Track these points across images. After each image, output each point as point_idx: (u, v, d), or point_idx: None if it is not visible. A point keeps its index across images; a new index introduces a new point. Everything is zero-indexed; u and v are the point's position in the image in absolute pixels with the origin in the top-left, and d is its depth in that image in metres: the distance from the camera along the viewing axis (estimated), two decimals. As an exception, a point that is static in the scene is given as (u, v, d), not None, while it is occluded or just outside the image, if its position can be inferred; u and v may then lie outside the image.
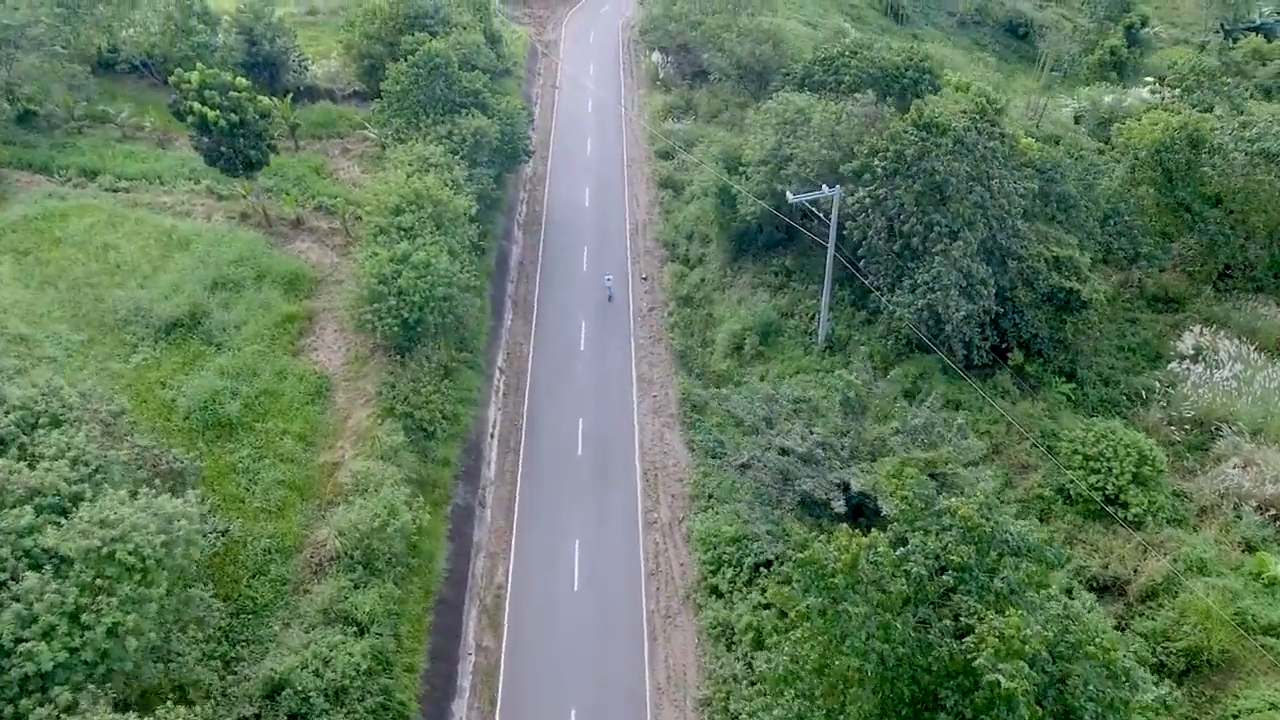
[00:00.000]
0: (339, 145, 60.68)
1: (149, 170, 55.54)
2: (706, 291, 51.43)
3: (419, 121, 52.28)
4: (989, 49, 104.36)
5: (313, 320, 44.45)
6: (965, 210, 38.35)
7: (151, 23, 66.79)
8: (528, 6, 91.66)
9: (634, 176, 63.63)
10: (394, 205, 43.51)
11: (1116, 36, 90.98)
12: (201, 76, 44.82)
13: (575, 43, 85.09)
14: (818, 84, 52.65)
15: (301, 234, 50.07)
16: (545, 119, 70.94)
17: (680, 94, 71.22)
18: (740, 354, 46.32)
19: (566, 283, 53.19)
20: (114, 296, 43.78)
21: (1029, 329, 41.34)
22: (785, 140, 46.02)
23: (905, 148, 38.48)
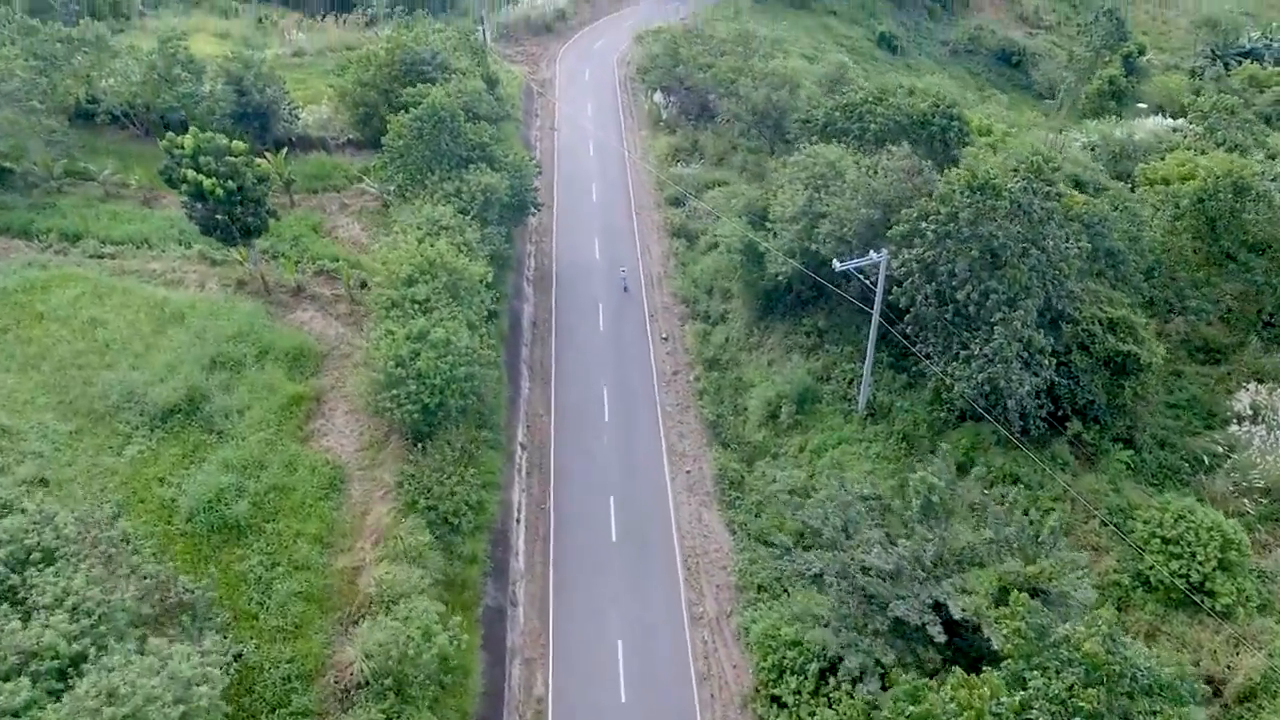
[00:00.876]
0: (336, 200, 57.32)
1: (136, 233, 51.95)
2: (733, 352, 48.64)
3: (424, 178, 49.23)
4: (983, 77, 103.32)
5: (321, 401, 41.04)
6: (1022, 275, 35.86)
7: (133, 72, 63.23)
8: (520, 44, 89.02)
9: (644, 225, 60.85)
10: (406, 275, 40.34)
11: (1115, 66, 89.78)
12: (195, 141, 41.47)
13: (571, 81, 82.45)
14: (840, 131, 50.24)
15: (303, 302, 46.67)
16: (546, 163, 68.03)
17: (685, 135, 68.71)
18: (776, 422, 43.51)
19: (584, 344, 50.17)
20: (104, 379, 40.15)
21: (1085, 395, 38.83)
22: (817, 196, 43.40)
23: (958, 211, 35.95)
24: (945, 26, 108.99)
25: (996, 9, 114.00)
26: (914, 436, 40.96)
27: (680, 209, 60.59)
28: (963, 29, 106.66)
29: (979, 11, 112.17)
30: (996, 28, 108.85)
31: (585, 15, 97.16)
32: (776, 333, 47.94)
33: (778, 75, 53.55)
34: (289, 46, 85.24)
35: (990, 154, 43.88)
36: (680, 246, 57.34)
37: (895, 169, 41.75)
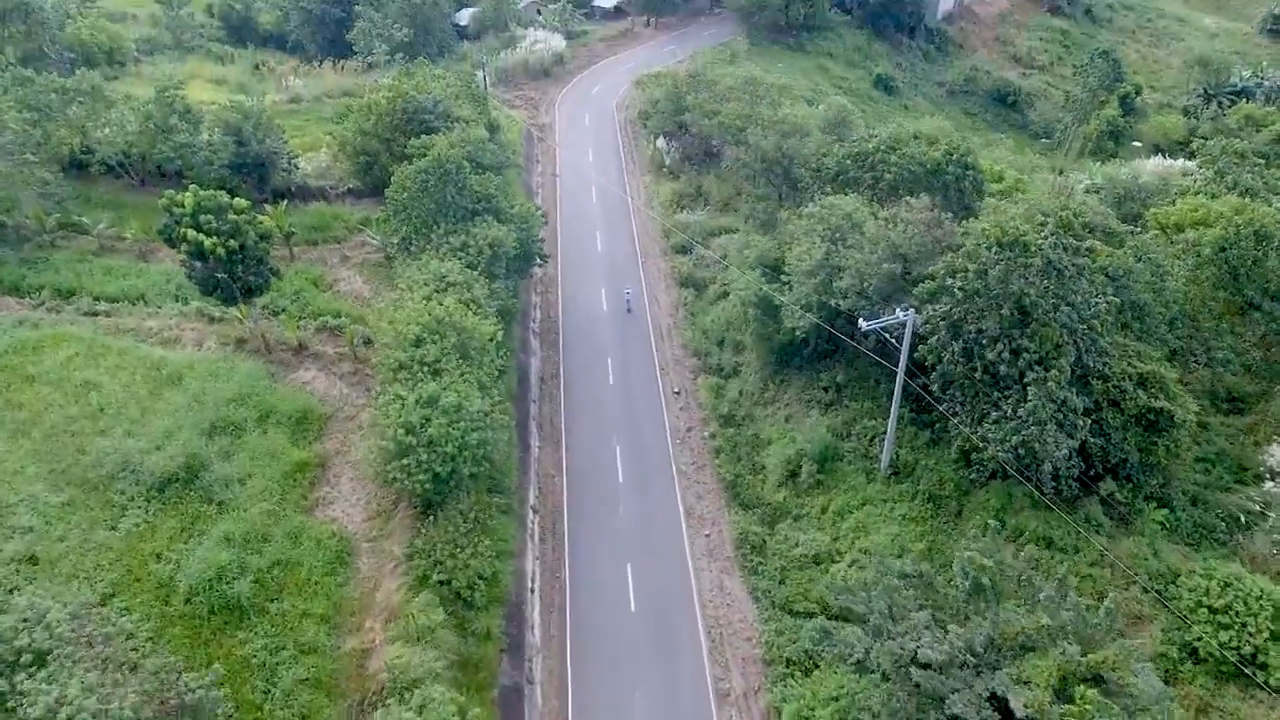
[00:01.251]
0: (337, 251, 55.98)
1: (131, 289, 50.44)
2: (748, 407, 47.21)
3: (429, 231, 47.92)
4: (979, 118, 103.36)
5: (325, 467, 39.32)
6: (1054, 333, 34.69)
7: (129, 121, 62.03)
8: (519, 89, 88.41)
9: (650, 274, 59.65)
10: (414, 336, 38.83)
11: (1112, 107, 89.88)
12: (196, 199, 40.07)
13: (570, 126, 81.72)
14: (852, 180, 49.34)
15: (305, 361, 45.06)
16: (549, 210, 66.83)
17: (689, 181, 67.84)
18: (796, 482, 41.99)
19: (594, 401, 48.65)
20: (98, 447, 38.37)
21: (1118, 453, 37.51)
22: (835, 249, 42.29)
23: (987, 268, 34.83)
24: (940, 68, 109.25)
25: (990, 51, 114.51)
26: (940, 497, 39.55)
27: (687, 257, 59.48)
28: (958, 70, 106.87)
29: (973, 53, 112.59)
30: (991, 69, 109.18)
31: (582, 59, 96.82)
32: (793, 387, 46.58)
33: (787, 123, 52.77)
34: (286, 93, 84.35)
35: (1011, 205, 42.97)
36: (689, 296, 56.12)
37: (915, 221, 40.71)
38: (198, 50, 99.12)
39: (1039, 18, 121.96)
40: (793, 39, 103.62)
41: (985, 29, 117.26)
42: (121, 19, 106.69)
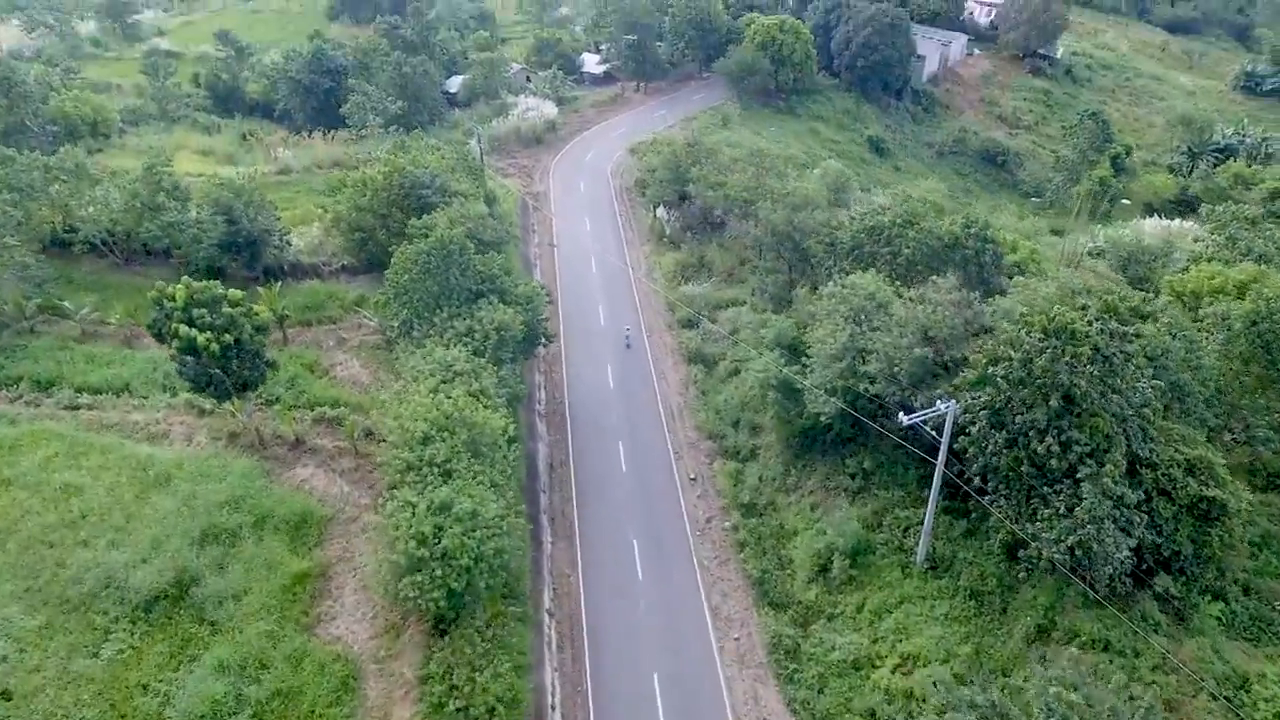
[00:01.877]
0: (333, 333, 53.55)
1: (115, 378, 47.69)
2: (769, 495, 44.78)
3: (431, 315, 45.65)
4: (970, 178, 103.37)
5: (327, 577, 36.38)
6: (1105, 424, 32.73)
7: (114, 199, 59.83)
8: (511, 156, 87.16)
9: (657, 349, 57.54)
10: (421, 433, 36.29)
11: (1104, 167, 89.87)
12: (188, 291, 37.61)
13: (565, 193, 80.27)
14: (869, 256, 47.74)
15: (302, 456, 42.30)
16: (548, 283, 64.89)
17: (691, 250, 66.25)
18: (828, 578, 39.42)
19: (607, 489, 46.06)
20: (78, 560, 35.39)
21: (1170, 546, 35.32)
22: (860, 331, 40.42)
23: (1031, 356, 32.96)
24: (929, 129, 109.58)
25: (976, 111, 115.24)
26: (983, 593, 37.06)
27: (694, 330, 57.51)
28: (947, 131, 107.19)
29: (960, 114, 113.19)
30: (979, 129, 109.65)
31: (574, 125, 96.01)
32: (817, 473, 44.25)
33: (797, 195, 51.32)
34: (275, 164, 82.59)
35: (1039, 282, 41.43)
36: (699, 373, 53.98)
37: (944, 302, 38.96)
38: (184, 120, 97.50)
39: (1021, 79, 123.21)
40: (783, 102, 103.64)
41: (970, 90, 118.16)
42: (106, 89, 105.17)
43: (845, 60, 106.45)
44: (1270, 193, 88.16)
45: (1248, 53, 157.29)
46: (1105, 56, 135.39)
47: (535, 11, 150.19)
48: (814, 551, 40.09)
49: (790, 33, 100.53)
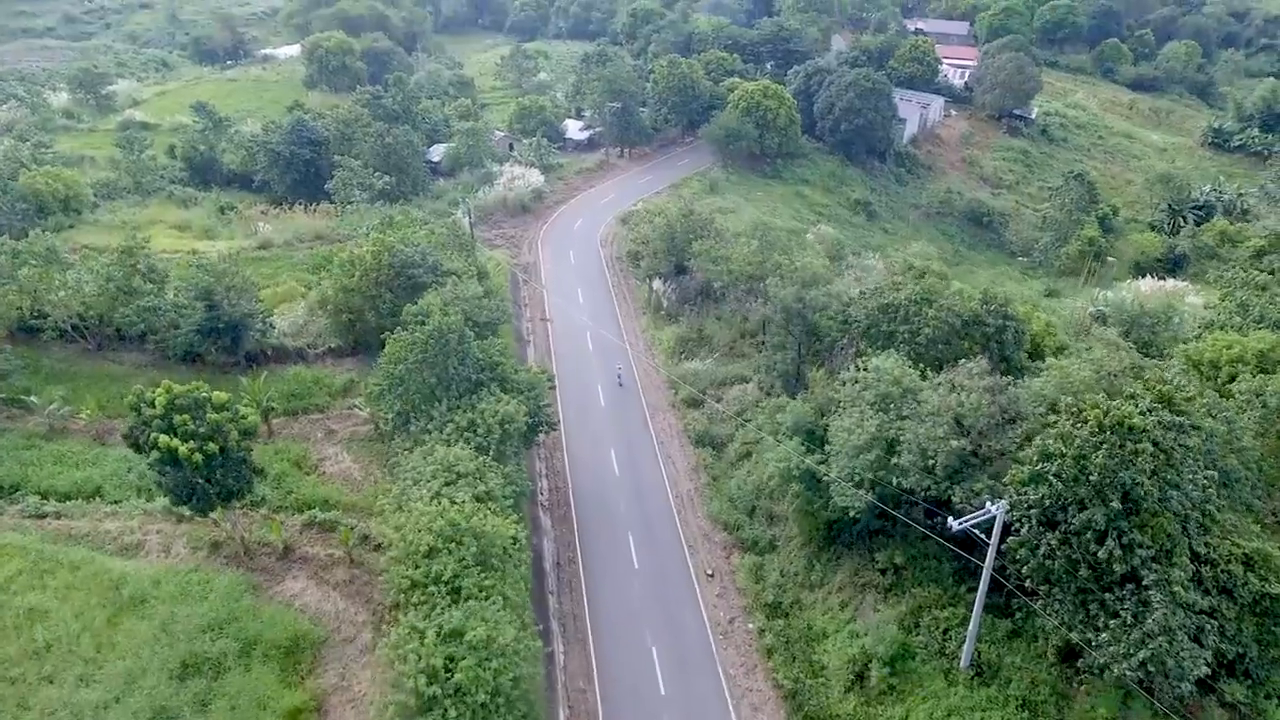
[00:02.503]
0: (320, 423, 50.32)
1: (85, 481, 44.13)
2: (794, 592, 41.81)
3: (429, 408, 42.71)
4: (957, 239, 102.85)
5: (323, 710, 32.73)
6: (1167, 524, 30.38)
7: (86, 283, 56.66)
8: (499, 226, 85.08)
9: (661, 431, 54.81)
10: (426, 546, 33.13)
11: (1092, 227, 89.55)
12: (168, 397, 34.43)
13: (556, 264, 78.11)
14: (885, 335, 45.61)
15: (292, 567, 38.80)
16: (543, 362, 62.26)
17: (690, 324, 64.00)
18: (864, 686, 36.36)
19: (619, 589, 42.84)
20: (43, 700, 31.64)
21: (1234, 648, 32.79)
22: (888, 420, 38.02)
23: (1086, 453, 30.66)
24: (913, 190, 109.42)
25: (958, 172, 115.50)
26: (1036, 703, 34.12)
27: (699, 410, 54.96)
28: (932, 192, 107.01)
29: (943, 175, 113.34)
30: (963, 190, 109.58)
31: (560, 193, 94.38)
32: (844, 568, 41.40)
33: (807, 270, 49.38)
34: (254, 237, 79.82)
35: (1074, 364, 39.40)
36: (707, 457, 51.29)
37: (977, 388, 36.72)
38: (159, 193, 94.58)
39: (999, 139, 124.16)
40: (769, 167, 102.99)
41: (951, 151, 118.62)
42: (78, 162, 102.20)
43: (828, 124, 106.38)
44: (1256, 250, 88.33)
45: (1210, 109, 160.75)
46: (1077, 116, 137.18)
47: (514, 78, 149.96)
48: (848, 657, 37.11)
49: (774, 98, 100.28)
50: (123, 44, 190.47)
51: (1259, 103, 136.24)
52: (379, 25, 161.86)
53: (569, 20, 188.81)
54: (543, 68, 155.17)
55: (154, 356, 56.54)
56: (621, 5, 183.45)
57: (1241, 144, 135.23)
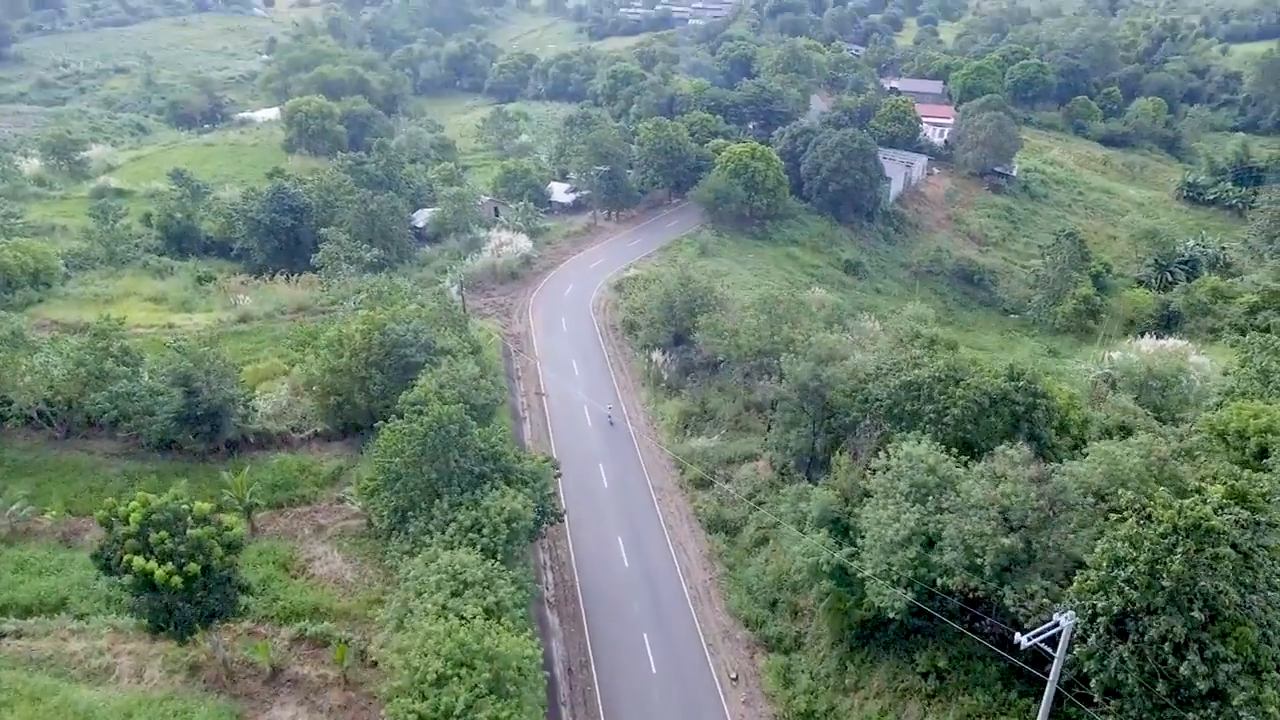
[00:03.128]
0: (308, 517, 46.69)
1: (50, 591, 40.17)
2: (827, 697, 38.44)
3: (429, 506, 39.37)
4: (949, 297, 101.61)
5: None
6: (1250, 633, 27.69)
7: (54, 366, 53.00)
8: (488, 294, 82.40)
9: (670, 514, 51.65)
10: (435, 673, 29.61)
11: (1086, 285, 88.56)
12: (144, 511, 30.91)
13: (548, 333, 75.32)
14: (910, 415, 43.10)
15: (281, 691, 34.93)
16: (540, 439, 59.18)
17: (692, 397, 61.27)
18: (917, 812, 33.00)
19: (637, 698, 39.25)
20: None
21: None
22: (925, 511, 35.29)
23: (1160, 557, 28.03)
24: (902, 249, 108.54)
25: (944, 229, 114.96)
26: (1107, 829, 30.99)
27: (709, 491, 51.96)
28: (922, 250, 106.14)
29: (930, 233, 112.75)
30: (950, 247, 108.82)
31: (549, 258, 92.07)
32: (880, 671, 38.16)
33: (823, 346, 46.98)
34: (234, 309, 76.41)
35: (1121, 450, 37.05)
36: (721, 543, 48.17)
37: (1021, 477, 34.14)
38: (134, 263, 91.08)
39: (982, 196, 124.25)
40: (758, 228, 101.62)
41: (936, 209, 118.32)
42: (49, 231, 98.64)
43: (816, 184, 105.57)
44: (1250, 306, 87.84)
45: (1179, 162, 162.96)
46: (1056, 172, 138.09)
47: (495, 139, 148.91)
48: (896, 778, 33.76)
49: (762, 159, 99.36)
50: (97, 109, 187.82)
51: (1230, 157, 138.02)
52: (359, 89, 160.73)
53: (548, 82, 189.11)
54: (524, 129, 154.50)
55: (127, 445, 52.76)
56: (600, 67, 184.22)
57: (1215, 197, 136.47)
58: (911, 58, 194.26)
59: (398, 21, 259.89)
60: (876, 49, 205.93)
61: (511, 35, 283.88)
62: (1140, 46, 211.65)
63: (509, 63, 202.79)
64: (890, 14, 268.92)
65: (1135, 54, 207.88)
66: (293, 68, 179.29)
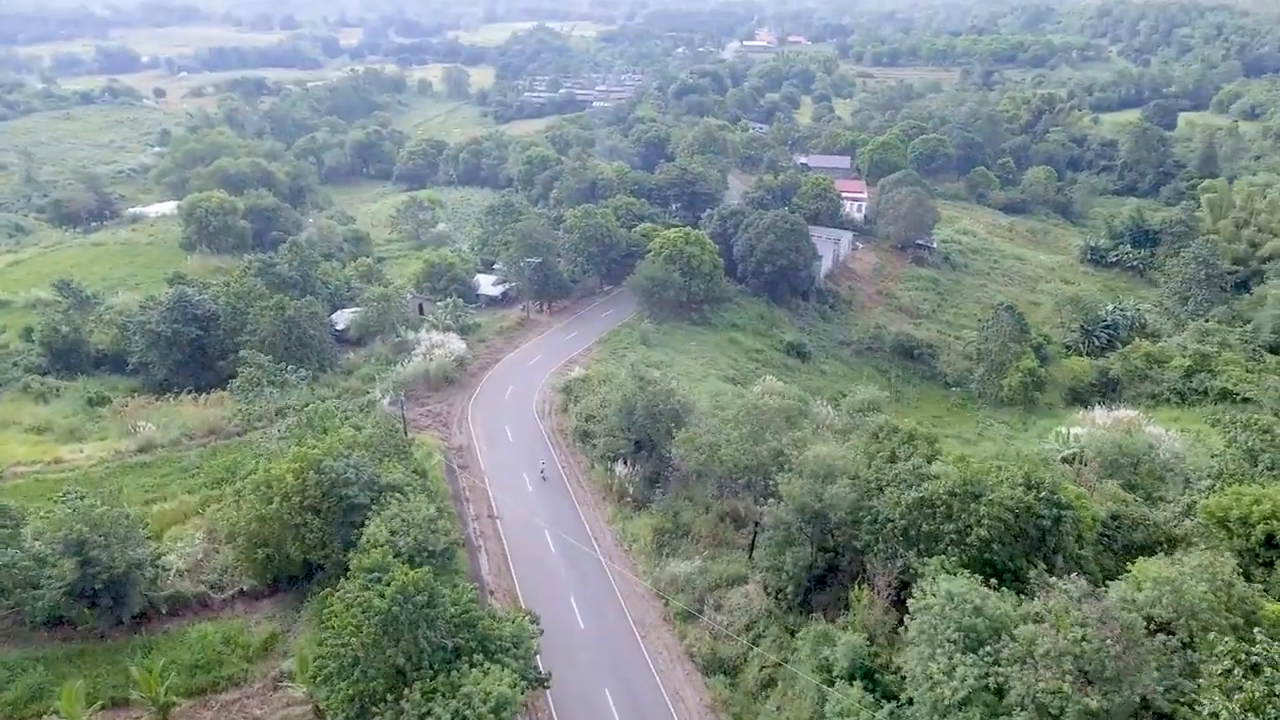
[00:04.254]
0: (239, 708, 38.69)
1: None
2: None
3: (397, 696, 32.43)
4: (891, 373, 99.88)
5: None
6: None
7: (-88, 535, 43.82)
8: (422, 403, 75.46)
9: (658, 655, 45.53)
10: None
11: (1029, 358, 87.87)
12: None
13: (492, 445, 68.78)
14: (929, 537, 38.79)
15: None
16: (500, 572, 52.47)
17: (664, 513, 55.65)
18: None
19: None
20: None
21: None
22: (985, 665, 30.59)
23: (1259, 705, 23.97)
24: (840, 327, 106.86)
25: (876, 305, 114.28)
26: None
27: (698, 625, 46.21)
28: (862, 328, 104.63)
29: (863, 309, 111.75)
30: (885, 322, 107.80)
31: (484, 357, 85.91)
32: None
33: (821, 462, 42.40)
34: (133, 437, 67.31)
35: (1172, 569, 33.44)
36: (723, 689, 42.24)
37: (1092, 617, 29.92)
38: (11, 386, 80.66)
39: (908, 268, 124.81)
40: (696, 313, 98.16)
41: (867, 283, 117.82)
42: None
43: (751, 266, 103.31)
44: (1185, 370, 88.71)
45: (1074, 226, 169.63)
46: (970, 241, 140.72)
47: (411, 229, 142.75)
48: None
49: (696, 244, 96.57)
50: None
51: (1127, 221, 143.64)
52: (262, 181, 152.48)
53: (459, 167, 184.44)
54: (440, 217, 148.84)
55: (6, 625, 43.71)
56: (511, 152, 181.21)
57: (1117, 259, 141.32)
58: (818, 134, 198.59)
59: (298, 110, 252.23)
60: (782, 127, 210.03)
61: (416, 121, 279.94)
62: (1023, 119, 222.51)
63: (417, 149, 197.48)
64: (787, 93, 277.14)
65: (1018, 126, 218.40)
66: (189, 161, 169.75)
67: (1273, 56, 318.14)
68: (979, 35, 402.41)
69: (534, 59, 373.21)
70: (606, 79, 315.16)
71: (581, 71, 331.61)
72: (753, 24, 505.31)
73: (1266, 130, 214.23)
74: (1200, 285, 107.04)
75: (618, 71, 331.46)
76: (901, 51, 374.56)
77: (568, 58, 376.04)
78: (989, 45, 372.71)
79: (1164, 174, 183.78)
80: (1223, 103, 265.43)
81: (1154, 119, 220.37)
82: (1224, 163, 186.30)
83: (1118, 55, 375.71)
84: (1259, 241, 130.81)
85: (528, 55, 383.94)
